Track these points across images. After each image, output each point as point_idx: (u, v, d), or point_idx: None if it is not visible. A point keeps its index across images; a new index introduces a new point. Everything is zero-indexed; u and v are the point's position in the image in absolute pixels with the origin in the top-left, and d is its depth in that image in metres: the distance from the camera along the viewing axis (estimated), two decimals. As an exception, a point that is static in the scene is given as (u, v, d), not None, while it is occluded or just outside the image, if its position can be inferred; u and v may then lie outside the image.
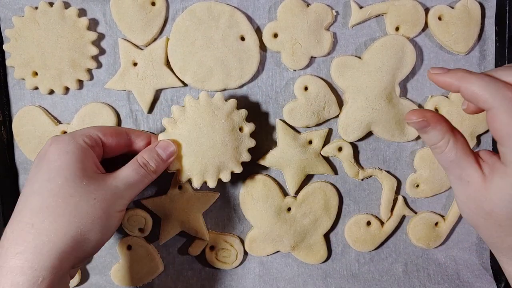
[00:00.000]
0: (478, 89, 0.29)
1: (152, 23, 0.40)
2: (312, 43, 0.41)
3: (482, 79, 0.29)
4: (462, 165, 0.31)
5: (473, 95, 0.29)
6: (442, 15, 0.41)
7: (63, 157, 0.33)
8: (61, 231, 0.31)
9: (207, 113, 0.38)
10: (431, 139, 0.32)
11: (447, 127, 0.32)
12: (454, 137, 0.32)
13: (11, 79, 0.42)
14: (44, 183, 0.32)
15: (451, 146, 0.31)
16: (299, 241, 0.43)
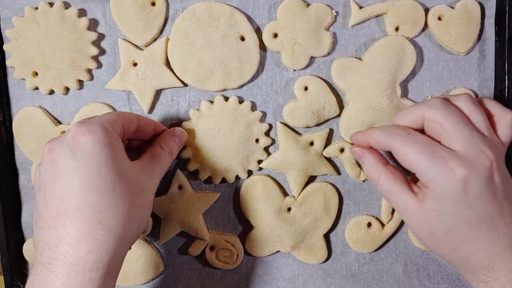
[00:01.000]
0: (378, 136, 0.35)
1: (152, 23, 0.40)
2: (312, 43, 0.41)
3: (380, 128, 0.36)
4: (397, 194, 0.35)
5: (376, 142, 0.36)
6: (442, 15, 0.41)
7: (105, 150, 0.32)
8: (126, 226, 0.32)
9: (230, 117, 0.41)
10: (366, 169, 0.37)
11: (380, 161, 0.37)
12: (386, 169, 0.36)
13: (11, 79, 0.42)
14: (95, 180, 0.31)
15: (383, 177, 0.36)
16: (299, 241, 0.43)
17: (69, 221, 0.30)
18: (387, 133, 0.34)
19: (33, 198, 0.43)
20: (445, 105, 0.33)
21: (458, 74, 0.42)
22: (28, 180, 0.43)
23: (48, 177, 0.32)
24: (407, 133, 0.34)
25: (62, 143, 0.32)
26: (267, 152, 0.42)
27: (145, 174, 0.35)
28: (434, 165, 0.32)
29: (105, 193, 0.31)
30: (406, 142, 0.33)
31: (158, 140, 0.38)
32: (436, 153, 0.32)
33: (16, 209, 0.43)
